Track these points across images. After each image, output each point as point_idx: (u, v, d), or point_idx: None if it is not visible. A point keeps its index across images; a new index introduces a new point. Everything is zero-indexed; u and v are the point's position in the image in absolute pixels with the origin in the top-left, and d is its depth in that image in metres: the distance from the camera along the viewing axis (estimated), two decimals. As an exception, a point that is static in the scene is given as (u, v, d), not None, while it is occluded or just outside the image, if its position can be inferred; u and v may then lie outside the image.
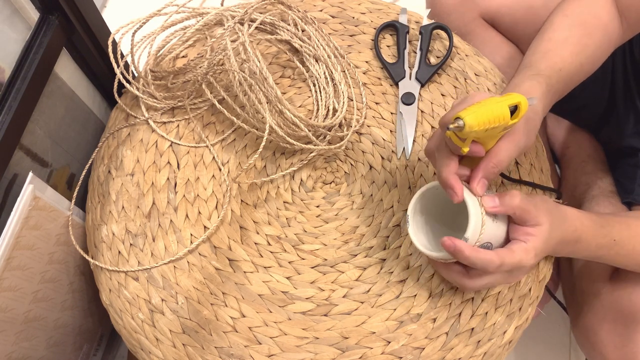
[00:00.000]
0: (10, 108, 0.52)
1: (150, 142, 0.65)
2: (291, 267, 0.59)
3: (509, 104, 0.44)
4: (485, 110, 0.42)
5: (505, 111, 0.43)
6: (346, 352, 0.54)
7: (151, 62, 0.67)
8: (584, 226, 0.53)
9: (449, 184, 0.47)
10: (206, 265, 0.59)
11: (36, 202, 0.53)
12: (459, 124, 0.42)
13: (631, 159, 0.74)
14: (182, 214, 0.61)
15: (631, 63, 0.73)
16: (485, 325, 0.56)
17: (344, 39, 0.73)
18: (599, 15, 0.59)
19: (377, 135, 0.66)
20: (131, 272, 0.58)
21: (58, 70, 0.62)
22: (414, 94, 0.67)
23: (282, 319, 0.56)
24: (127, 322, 0.57)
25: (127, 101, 0.68)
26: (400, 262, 0.59)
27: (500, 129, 0.45)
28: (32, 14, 0.57)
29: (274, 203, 0.63)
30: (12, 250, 0.51)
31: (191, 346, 0.55)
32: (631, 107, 0.74)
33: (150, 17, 0.63)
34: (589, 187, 0.77)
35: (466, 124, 0.41)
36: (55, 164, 0.62)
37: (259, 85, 0.58)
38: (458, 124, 0.42)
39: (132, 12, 0.68)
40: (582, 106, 0.80)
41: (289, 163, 0.65)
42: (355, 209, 0.63)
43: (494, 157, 0.47)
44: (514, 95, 0.45)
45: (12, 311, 0.54)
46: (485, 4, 0.81)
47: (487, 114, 0.42)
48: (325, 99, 0.67)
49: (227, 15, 0.67)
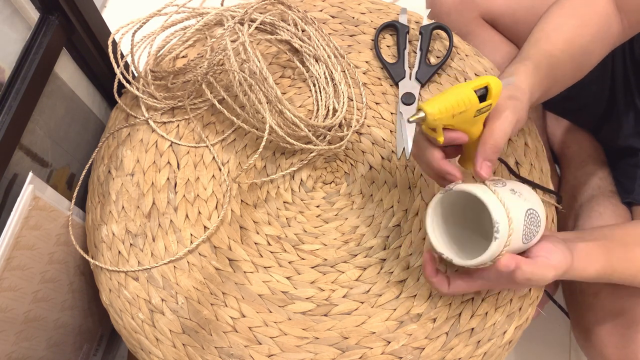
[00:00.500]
0: (10, 108, 0.52)
1: (150, 142, 0.65)
2: (291, 267, 0.59)
3: (474, 86, 0.45)
4: (446, 97, 0.44)
5: (469, 94, 0.44)
6: (346, 352, 0.54)
7: (151, 62, 0.67)
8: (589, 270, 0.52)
9: (443, 169, 0.48)
10: (206, 265, 0.59)
11: (36, 202, 0.53)
12: (420, 115, 0.44)
13: (631, 158, 0.74)
14: (182, 214, 0.61)
15: (631, 62, 0.73)
16: (485, 325, 0.56)
17: (344, 39, 0.73)
18: (595, 9, 0.59)
19: (377, 135, 0.66)
20: (131, 272, 0.58)
21: (58, 70, 0.62)
22: (414, 94, 0.67)
23: (282, 319, 0.56)
24: (127, 322, 0.57)
25: (127, 101, 0.68)
26: (400, 262, 0.59)
27: (473, 113, 0.45)
28: (32, 14, 0.57)
29: (274, 203, 0.63)
30: (12, 250, 0.51)
31: (191, 346, 0.55)
32: (631, 107, 0.74)
33: (150, 17, 0.63)
34: (589, 187, 0.77)
35: (427, 112, 0.43)
36: (55, 164, 0.62)
37: (259, 85, 0.58)
38: (419, 115, 0.44)
39: (132, 12, 0.68)
40: (582, 106, 0.80)
41: (289, 163, 0.65)
42: (355, 209, 0.63)
43: (489, 138, 0.47)
44: (480, 78, 0.46)
45: (12, 311, 0.54)
46: (485, 4, 0.81)
47: (448, 100, 0.44)
48: (325, 99, 0.67)
49: (227, 15, 0.67)
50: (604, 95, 0.77)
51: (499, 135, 0.47)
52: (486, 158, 0.48)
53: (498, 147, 0.48)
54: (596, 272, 0.52)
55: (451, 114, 0.44)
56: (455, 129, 0.47)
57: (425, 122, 0.44)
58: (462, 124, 0.46)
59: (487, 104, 0.46)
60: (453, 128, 0.47)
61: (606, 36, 0.59)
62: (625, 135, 0.75)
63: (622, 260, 0.53)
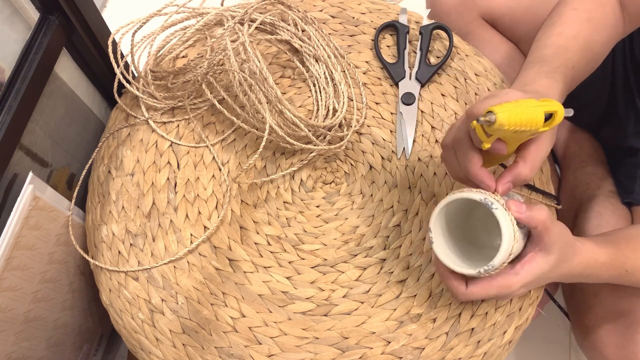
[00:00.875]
0: (10, 108, 0.52)
1: (150, 142, 0.65)
2: (291, 267, 0.59)
3: (546, 110, 0.42)
4: (521, 111, 0.41)
5: (540, 117, 0.41)
6: (346, 352, 0.54)
7: (151, 62, 0.67)
8: (597, 263, 0.51)
9: (480, 178, 0.46)
10: (206, 265, 0.59)
11: (36, 202, 0.53)
12: (490, 119, 0.40)
13: (631, 158, 0.74)
14: (182, 214, 0.61)
15: (631, 63, 0.73)
16: (485, 325, 0.56)
17: (344, 39, 0.73)
18: (605, 10, 0.58)
19: (377, 135, 0.66)
20: (131, 272, 0.58)
21: (58, 70, 0.62)
22: (414, 94, 0.67)
23: (282, 319, 0.56)
24: (127, 322, 0.57)
25: (127, 101, 0.68)
26: (400, 262, 0.59)
27: (529, 134, 0.43)
28: (32, 14, 0.57)
29: (274, 203, 0.63)
30: (12, 250, 0.51)
31: (191, 346, 0.55)
32: (631, 107, 0.74)
33: (150, 17, 0.63)
34: (589, 187, 0.77)
35: (498, 119, 0.39)
36: (55, 164, 0.62)
37: (259, 85, 0.58)
38: (489, 118, 0.40)
39: (132, 12, 0.68)
40: (582, 106, 0.80)
41: (289, 163, 0.65)
42: (355, 209, 0.63)
43: (529, 163, 0.45)
44: (553, 103, 0.43)
45: (12, 311, 0.54)
46: (485, 4, 0.81)
47: (521, 115, 0.40)
48: (325, 99, 0.67)
49: (227, 15, 0.67)
50: (604, 96, 0.77)
51: (536, 166, 0.46)
52: (513, 182, 0.46)
53: (529, 178, 0.46)
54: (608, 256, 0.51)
55: (516, 129, 0.41)
56: (502, 141, 0.44)
57: (490, 128, 0.41)
58: (512, 139, 0.44)
59: (544, 130, 0.43)
60: (502, 140, 0.44)
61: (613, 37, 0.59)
62: (625, 135, 0.75)
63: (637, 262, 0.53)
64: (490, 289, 0.48)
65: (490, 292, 0.48)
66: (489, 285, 0.48)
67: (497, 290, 0.48)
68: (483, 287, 0.48)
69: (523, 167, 0.46)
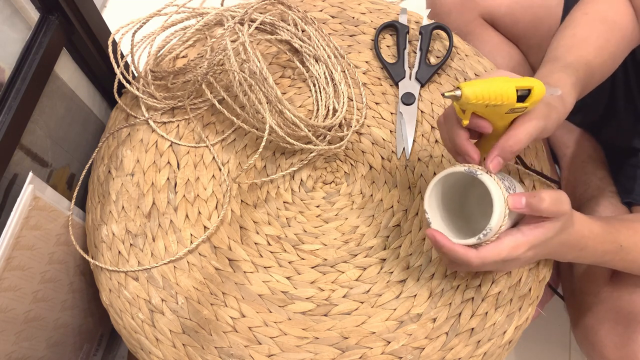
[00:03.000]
0: (10, 108, 0.52)
1: (150, 142, 0.65)
2: (291, 267, 0.59)
3: (518, 85, 0.44)
4: (488, 86, 0.43)
5: (509, 91, 0.43)
6: (346, 352, 0.54)
7: (151, 62, 0.67)
8: (592, 233, 0.52)
9: (464, 149, 0.48)
10: (206, 265, 0.59)
11: (36, 202, 0.53)
12: (456, 93, 0.43)
13: (631, 158, 0.74)
14: (182, 214, 0.61)
15: (631, 63, 0.73)
16: (485, 325, 0.56)
17: (344, 39, 0.73)
18: (618, 14, 0.58)
19: (377, 135, 0.66)
20: (131, 272, 0.58)
21: (58, 70, 0.62)
22: (414, 94, 0.67)
23: (282, 319, 0.56)
24: (127, 322, 0.57)
25: (127, 101, 0.68)
26: (400, 262, 0.59)
27: (506, 109, 0.45)
28: (32, 14, 0.57)
29: (274, 203, 0.63)
30: (12, 250, 0.51)
31: (191, 346, 0.55)
32: (631, 107, 0.74)
33: (150, 17, 0.64)
34: (589, 187, 0.77)
35: (463, 94, 0.42)
36: (55, 164, 0.62)
37: (259, 86, 0.58)
38: (455, 93, 0.43)
39: (132, 12, 0.68)
40: (582, 106, 0.80)
41: (289, 163, 0.65)
42: (355, 209, 0.63)
43: (512, 136, 0.47)
44: (529, 79, 0.44)
45: (12, 311, 0.54)
46: (485, 4, 0.81)
47: (488, 89, 0.43)
48: (325, 99, 0.67)
49: (227, 15, 0.67)
50: (604, 96, 0.77)
51: (521, 138, 0.47)
52: (501, 155, 0.47)
53: (516, 150, 0.47)
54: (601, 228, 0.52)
55: (485, 103, 0.43)
56: (483, 118, 0.47)
57: (458, 102, 0.44)
58: (491, 115, 0.46)
59: (523, 106, 0.45)
60: (483, 116, 0.46)
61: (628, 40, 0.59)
62: (625, 135, 0.75)
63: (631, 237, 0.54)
64: (501, 249, 0.48)
65: (501, 253, 0.48)
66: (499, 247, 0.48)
67: (508, 251, 0.48)
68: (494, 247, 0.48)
69: (506, 139, 0.47)
